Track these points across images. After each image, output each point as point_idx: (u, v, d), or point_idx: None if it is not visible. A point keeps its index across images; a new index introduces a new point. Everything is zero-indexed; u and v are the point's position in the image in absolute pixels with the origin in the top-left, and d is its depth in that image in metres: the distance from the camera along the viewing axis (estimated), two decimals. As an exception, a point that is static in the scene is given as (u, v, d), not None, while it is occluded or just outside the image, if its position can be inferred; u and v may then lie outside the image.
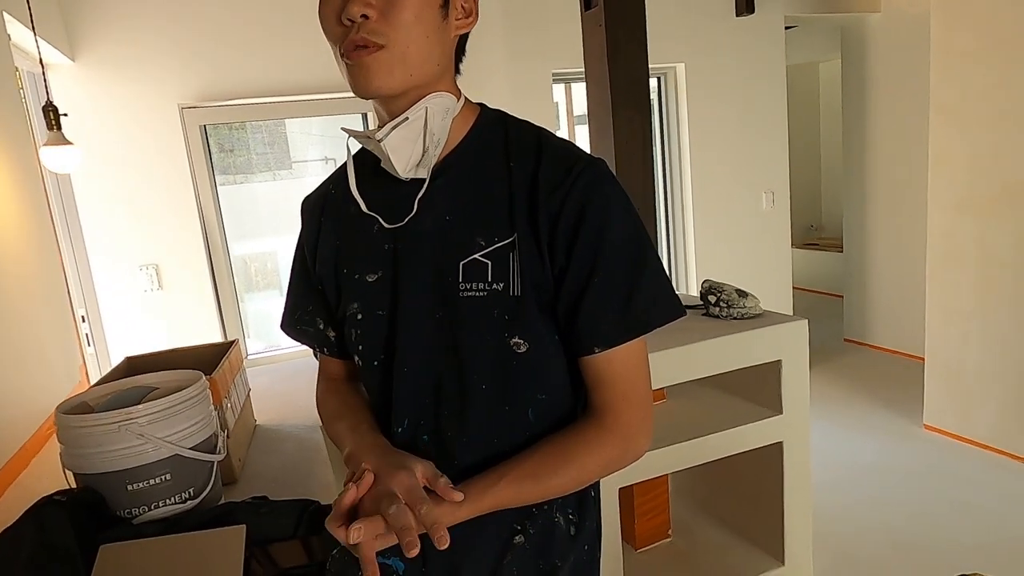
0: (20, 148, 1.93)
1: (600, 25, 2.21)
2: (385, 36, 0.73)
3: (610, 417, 0.81)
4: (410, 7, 0.73)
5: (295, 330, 0.99)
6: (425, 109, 0.77)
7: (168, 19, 2.84)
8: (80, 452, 1.06)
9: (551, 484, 0.80)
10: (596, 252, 0.77)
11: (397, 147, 0.78)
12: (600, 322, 0.78)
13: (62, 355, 2.02)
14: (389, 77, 0.75)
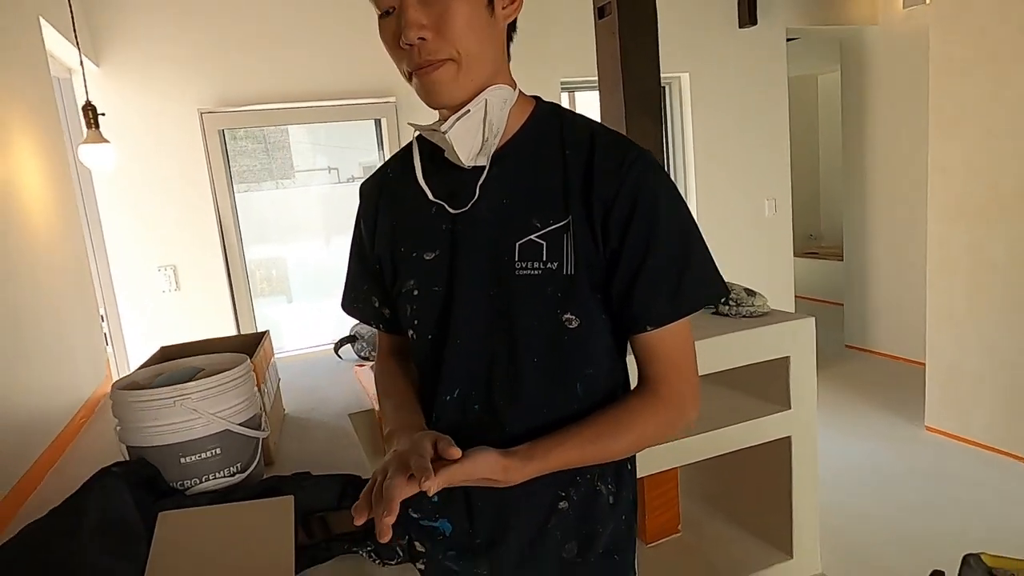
0: (55, 148, 2.00)
1: (614, 33, 2.29)
2: (445, 51, 0.79)
3: (664, 388, 0.86)
4: (461, 16, 0.78)
5: (353, 308, 1.06)
6: (485, 101, 0.83)
7: (188, 26, 2.92)
8: (136, 427, 1.12)
9: (612, 448, 0.85)
10: (649, 237, 0.82)
11: (460, 137, 0.84)
12: (653, 302, 0.83)
13: (89, 351, 2.07)
14: (457, 87, 0.81)
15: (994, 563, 1.38)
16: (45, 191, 1.85)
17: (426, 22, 0.78)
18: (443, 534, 0.95)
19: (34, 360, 1.58)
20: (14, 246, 1.56)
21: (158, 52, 2.88)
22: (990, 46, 3.04)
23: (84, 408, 1.85)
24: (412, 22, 0.77)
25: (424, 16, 0.77)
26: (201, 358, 1.32)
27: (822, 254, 6.58)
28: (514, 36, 0.91)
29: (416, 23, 0.77)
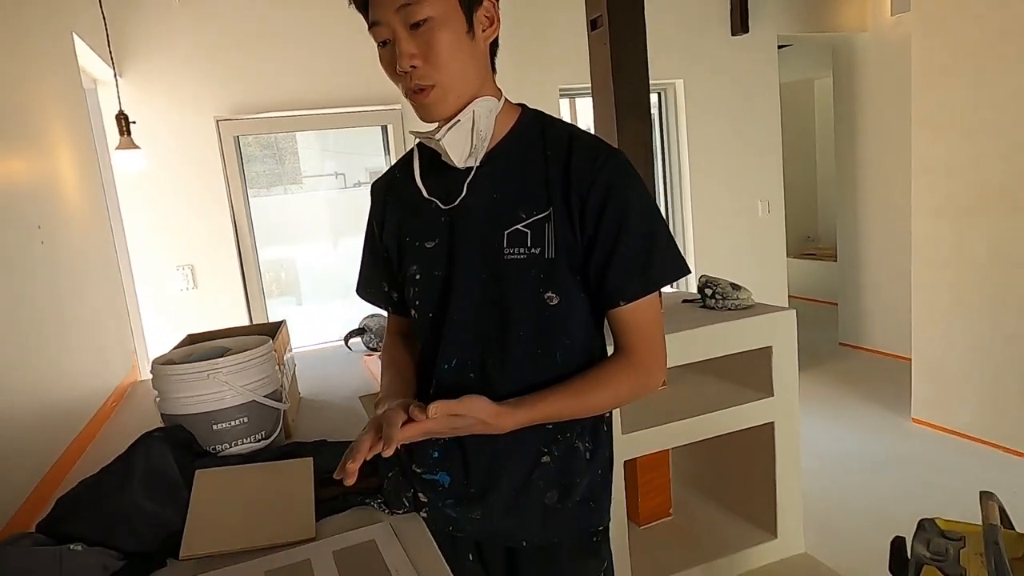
0: (86, 154, 2.16)
1: (605, 44, 2.44)
2: (432, 77, 0.93)
3: (636, 355, 1.01)
4: (445, 44, 0.92)
5: (365, 293, 1.22)
6: (472, 112, 0.98)
7: (205, 39, 3.09)
8: (174, 397, 1.27)
9: (590, 403, 1.00)
10: (620, 224, 0.97)
11: (452, 143, 0.98)
12: (625, 281, 0.98)
13: (118, 342, 2.23)
14: (444, 106, 0.96)
15: (947, 526, 1.52)
16: (80, 194, 2.02)
17: (416, 51, 0.92)
18: (442, 485, 1.10)
19: (75, 349, 1.74)
20: (57, 244, 1.71)
21: (177, 63, 3.05)
22: (969, 52, 3.18)
23: (115, 393, 2.01)
24: (404, 52, 0.92)
25: (414, 46, 0.92)
26: (228, 340, 1.47)
27: (819, 255, 6.70)
28: (497, 51, 1.04)
29: (408, 53, 0.92)
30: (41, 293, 1.53)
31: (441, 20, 0.91)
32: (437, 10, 0.91)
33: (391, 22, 0.92)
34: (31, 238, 1.52)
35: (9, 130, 1.50)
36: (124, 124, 2.16)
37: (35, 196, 1.61)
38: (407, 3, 0.90)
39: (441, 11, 0.91)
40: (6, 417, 1.25)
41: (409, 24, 0.91)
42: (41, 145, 1.71)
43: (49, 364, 1.53)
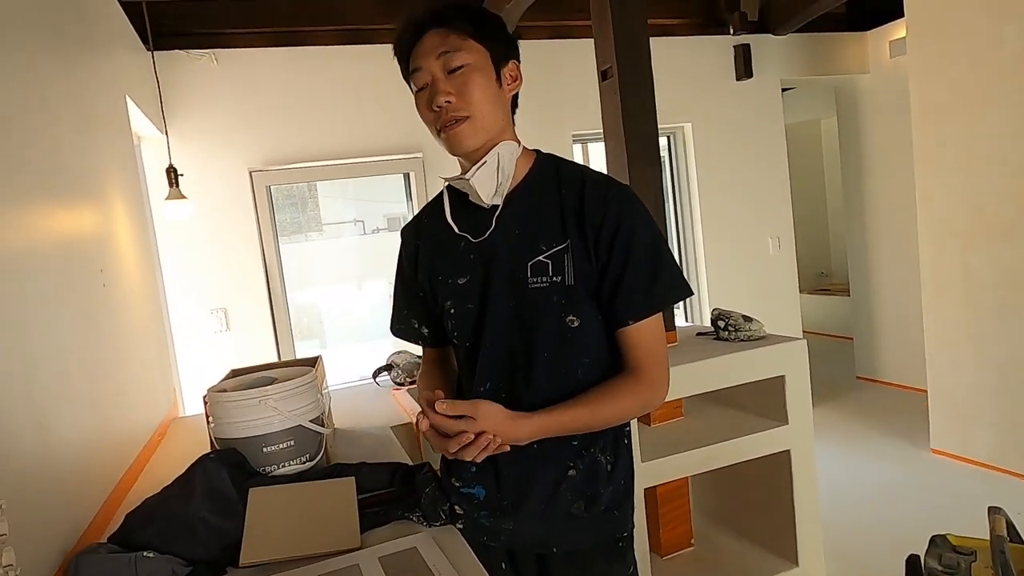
0: (137, 205, 2.33)
1: (615, 93, 2.60)
2: (465, 110, 1.08)
3: (642, 370, 1.12)
4: (477, 86, 1.08)
5: (398, 330, 1.34)
6: (498, 154, 1.12)
7: (241, 94, 3.32)
8: (228, 422, 1.39)
9: (601, 414, 1.11)
10: (628, 252, 1.09)
11: (481, 182, 1.12)
12: (632, 302, 1.10)
13: (163, 380, 2.37)
14: (474, 138, 1.10)
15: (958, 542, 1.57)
16: (132, 242, 2.18)
17: (452, 90, 1.07)
18: (477, 498, 1.20)
19: (130, 385, 1.87)
20: (115, 287, 1.86)
21: (216, 119, 3.27)
22: (964, 90, 3.32)
23: (160, 428, 2.13)
24: (441, 90, 1.07)
25: (450, 86, 1.08)
26: (274, 371, 1.59)
27: (833, 291, 6.76)
28: (517, 106, 1.20)
29: (444, 91, 1.07)
30: (105, 332, 1.68)
31: (475, 67, 1.08)
32: (472, 59, 1.08)
33: (431, 67, 1.08)
34: (96, 281, 1.66)
35: (77, 184, 1.67)
36: (173, 177, 2.35)
37: (98, 242, 1.77)
38: (447, 51, 1.07)
39: (475, 60, 1.08)
40: (78, 443, 1.38)
41: (447, 69, 1.07)
42: (101, 197, 1.88)
43: (111, 398, 1.66)
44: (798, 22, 4.29)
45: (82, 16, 2.02)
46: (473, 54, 1.08)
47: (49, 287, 1.34)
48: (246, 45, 3.39)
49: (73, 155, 1.65)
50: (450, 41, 1.07)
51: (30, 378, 1.17)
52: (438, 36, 1.08)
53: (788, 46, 4.51)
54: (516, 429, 1.05)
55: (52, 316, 1.33)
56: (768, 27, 4.40)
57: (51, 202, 1.43)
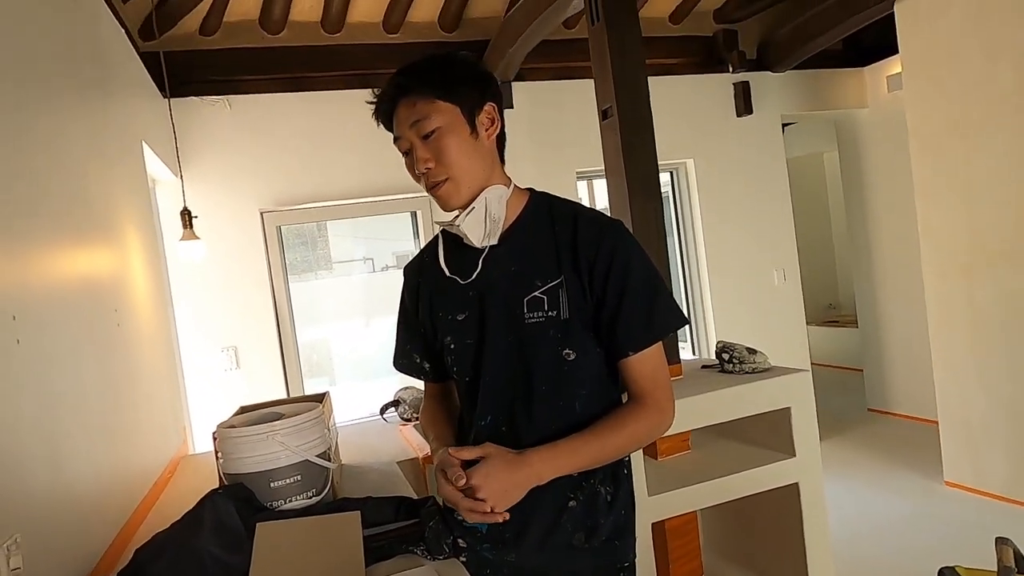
0: (151, 246, 2.40)
1: (616, 131, 2.67)
2: (444, 173, 1.14)
3: (649, 397, 1.15)
4: (452, 148, 1.13)
5: (399, 365, 1.37)
6: (485, 199, 1.17)
7: (252, 138, 3.42)
8: (236, 458, 1.41)
9: (610, 442, 1.13)
10: (623, 285, 1.13)
11: (470, 227, 1.17)
12: (632, 334, 1.14)
13: (173, 418, 2.40)
14: (457, 197, 1.16)
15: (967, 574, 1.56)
16: (146, 282, 2.24)
17: (429, 156, 1.14)
18: (480, 532, 1.22)
19: (143, 423, 1.91)
20: (129, 327, 1.91)
21: (228, 162, 3.37)
22: (959, 124, 3.38)
23: (170, 465, 2.16)
24: (420, 158, 1.14)
25: (427, 152, 1.14)
26: (282, 407, 1.62)
27: (841, 322, 6.74)
28: (505, 144, 1.24)
29: (422, 158, 1.14)
30: (119, 371, 1.72)
31: (446, 129, 1.13)
32: (442, 121, 1.13)
33: (408, 136, 1.15)
34: (110, 321, 1.71)
35: (94, 226, 1.73)
36: (187, 219, 2.42)
37: (113, 283, 1.82)
38: (417, 119, 1.13)
39: (446, 121, 1.13)
40: (91, 479, 1.41)
41: (421, 135, 1.13)
42: (118, 239, 1.95)
43: (124, 435, 1.69)
44: (796, 59, 4.38)
45: (103, 65, 2.12)
46: (443, 115, 1.13)
47: (66, 327, 1.38)
48: (258, 91, 3.51)
49: (92, 199, 1.72)
50: (418, 109, 1.12)
51: (46, 415, 1.21)
52: (407, 106, 1.14)
53: (787, 82, 4.60)
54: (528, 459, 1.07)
55: (68, 355, 1.37)
56: (767, 65, 4.49)
57: (70, 244, 1.49)
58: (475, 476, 1.06)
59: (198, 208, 3.26)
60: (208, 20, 3.37)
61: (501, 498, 1.06)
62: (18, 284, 1.16)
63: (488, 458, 1.09)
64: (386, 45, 3.72)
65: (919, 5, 3.49)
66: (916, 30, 3.55)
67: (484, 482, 1.05)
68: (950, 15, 3.35)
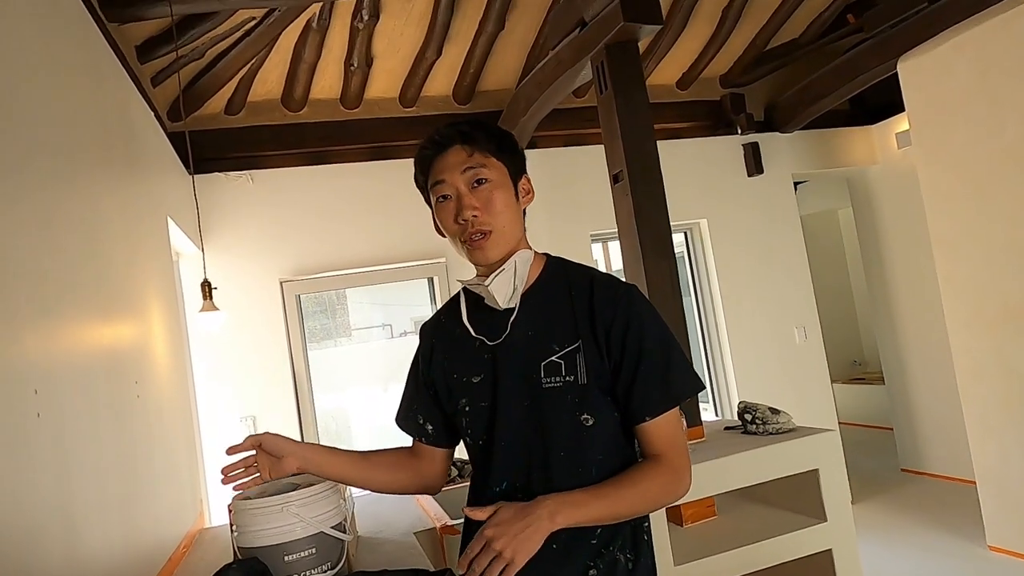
0: (173, 316, 2.45)
1: (627, 194, 2.71)
2: (490, 224, 1.16)
3: (665, 459, 1.13)
4: (500, 201, 1.17)
5: (402, 423, 1.36)
6: (514, 262, 1.19)
7: (272, 211, 3.52)
8: (251, 530, 1.39)
9: (623, 495, 1.10)
10: (639, 351, 1.13)
11: (498, 288, 1.18)
12: (649, 399, 1.13)
13: (191, 490, 2.39)
14: (497, 250, 1.17)
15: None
16: (167, 353, 2.27)
17: (478, 204, 1.15)
18: (500, 605, 1.18)
19: (160, 495, 1.90)
20: (149, 398, 1.93)
21: (248, 234, 3.46)
22: (972, 176, 3.38)
23: (186, 538, 2.13)
24: (468, 204, 1.15)
25: (476, 200, 1.16)
26: (297, 477, 1.61)
27: (868, 379, 6.59)
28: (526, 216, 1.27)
29: (471, 205, 1.15)
30: (137, 443, 1.72)
31: (497, 183, 1.17)
32: (495, 175, 1.17)
33: (455, 181, 1.16)
34: (131, 392, 1.73)
35: (120, 299, 1.77)
36: (207, 291, 2.48)
37: (135, 355, 1.85)
38: (472, 167, 1.16)
39: (497, 176, 1.17)
40: (107, 554, 1.39)
41: (473, 181, 1.16)
42: (141, 311, 1.99)
43: (141, 509, 1.68)
44: (803, 120, 4.46)
45: (133, 146, 2.22)
46: (495, 171, 1.17)
47: (87, 399, 1.40)
48: (279, 165, 3.64)
49: (117, 272, 1.77)
50: (475, 158, 1.16)
51: (63, 488, 1.21)
52: (463, 152, 1.17)
53: (796, 142, 4.66)
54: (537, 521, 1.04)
55: (88, 427, 1.38)
56: (774, 126, 4.58)
57: (95, 318, 1.53)
58: (488, 528, 1.03)
59: (219, 279, 3.32)
60: (233, 100, 3.53)
61: (518, 546, 1.01)
62: (42, 358, 1.18)
63: (499, 510, 1.07)
64: (403, 119, 3.86)
65: (922, 64, 3.56)
66: (920, 88, 3.61)
67: (496, 531, 1.02)
68: (954, 73, 3.41)
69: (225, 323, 3.30)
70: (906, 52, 3.58)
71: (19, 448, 1.05)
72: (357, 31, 3.32)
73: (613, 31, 2.65)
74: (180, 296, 3.11)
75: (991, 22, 3.19)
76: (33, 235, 1.21)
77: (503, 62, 3.82)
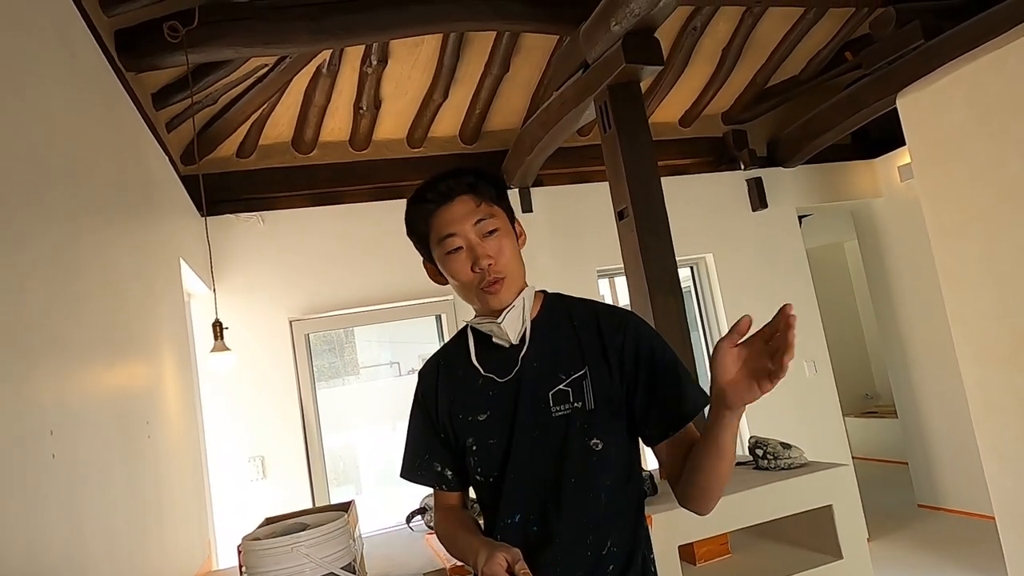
0: (184, 357, 2.47)
1: (632, 231, 2.74)
2: (503, 271, 1.19)
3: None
4: (508, 247, 1.20)
5: (415, 475, 1.31)
6: (523, 299, 1.21)
7: (282, 252, 3.57)
8: (261, 571, 1.39)
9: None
10: (653, 373, 1.17)
11: (510, 325, 1.20)
12: (667, 419, 1.16)
13: (199, 531, 2.37)
14: (510, 293, 1.20)
15: None
16: (177, 394, 2.29)
17: (491, 253, 1.18)
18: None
19: (169, 536, 1.90)
20: (159, 438, 1.94)
21: (259, 274, 3.50)
22: (977, 209, 3.39)
23: (194, 581, 2.11)
24: (483, 254, 1.18)
25: (489, 249, 1.18)
26: (306, 517, 1.61)
27: (880, 413, 6.51)
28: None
29: (486, 254, 1.18)
30: (147, 484, 1.73)
31: (504, 231, 1.21)
32: (500, 224, 1.21)
33: (466, 232, 1.18)
34: (141, 432, 1.74)
35: (132, 341, 1.80)
36: (219, 331, 2.51)
37: (146, 396, 1.87)
38: (482, 218, 1.19)
39: (502, 224, 1.21)
40: (114, 596, 1.39)
41: (484, 232, 1.19)
42: (153, 353, 2.01)
43: (149, 550, 1.68)
44: (806, 155, 4.51)
45: (146, 188, 2.27)
46: (500, 219, 1.21)
47: (99, 440, 1.41)
48: (289, 206, 3.70)
49: (130, 314, 1.80)
50: (483, 208, 1.20)
51: (74, 529, 1.22)
52: (470, 203, 1.19)
53: (799, 176, 4.71)
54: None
55: (99, 468, 1.39)
56: (777, 161, 4.63)
57: (108, 359, 1.55)
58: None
59: (229, 319, 3.35)
60: (245, 144, 3.61)
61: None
62: (56, 398, 1.20)
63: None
64: (410, 159, 3.93)
65: (921, 99, 3.61)
66: (921, 123, 3.65)
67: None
68: (953, 108, 3.45)
69: (235, 363, 3.32)
70: (904, 88, 3.64)
71: (34, 489, 1.06)
72: (366, 75, 3.41)
73: (615, 72, 2.71)
74: (191, 336, 3.14)
75: (986, 58, 3.25)
76: (47, 276, 1.23)
77: (508, 103, 3.90)
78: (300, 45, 2.74)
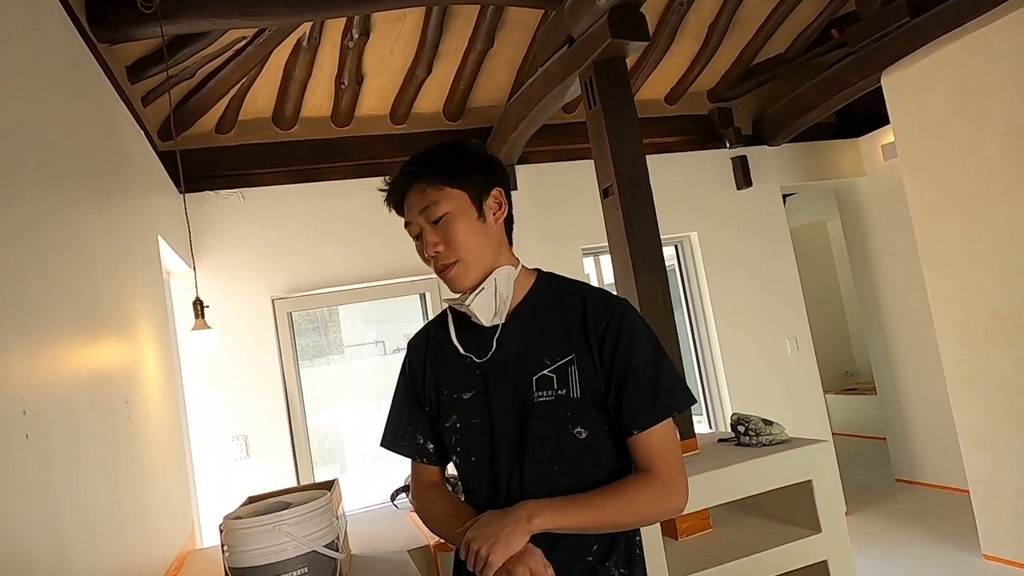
0: (164, 336, 2.43)
1: (617, 208, 2.73)
2: (453, 256, 1.18)
3: (653, 471, 1.13)
4: (460, 231, 1.17)
5: (396, 444, 1.32)
6: (494, 280, 1.19)
7: (264, 229, 3.52)
8: (242, 550, 1.38)
9: (609, 507, 1.11)
10: (628, 364, 1.14)
11: (480, 307, 1.19)
12: (637, 412, 1.13)
13: (182, 511, 2.36)
14: (467, 279, 1.19)
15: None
16: (158, 373, 2.26)
17: (439, 240, 1.17)
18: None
19: (150, 516, 1.88)
20: (139, 418, 1.92)
21: (240, 252, 3.45)
22: (957, 189, 3.42)
23: (177, 560, 2.10)
24: (429, 242, 1.18)
25: (437, 236, 1.17)
26: (290, 496, 1.60)
27: (860, 390, 6.62)
28: (512, 226, 1.28)
29: (432, 242, 1.17)
30: (127, 464, 1.71)
31: (455, 214, 1.17)
32: (451, 207, 1.17)
33: (418, 221, 1.19)
34: (120, 412, 1.72)
35: (110, 319, 1.76)
36: (199, 309, 2.47)
37: (124, 375, 1.84)
38: (426, 205, 1.17)
39: (454, 207, 1.17)
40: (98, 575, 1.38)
41: (431, 220, 1.17)
42: (131, 331, 1.98)
43: (131, 530, 1.67)
44: (790, 133, 4.51)
45: (122, 164, 2.22)
46: (452, 201, 1.17)
47: (76, 420, 1.39)
48: (270, 183, 3.64)
49: (107, 292, 1.76)
50: (427, 195, 1.17)
51: (52, 510, 1.20)
52: (418, 192, 1.18)
53: (784, 155, 4.71)
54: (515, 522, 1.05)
55: (77, 448, 1.37)
56: (762, 139, 4.62)
57: (84, 337, 1.52)
58: (469, 531, 1.08)
59: (211, 298, 3.30)
60: (224, 119, 3.54)
61: (494, 546, 1.03)
62: (29, 379, 1.17)
63: (483, 515, 1.11)
64: (393, 135, 3.88)
65: (905, 78, 3.61)
66: (905, 102, 3.66)
67: (475, 534, 1.06)
68: (936, 87, 3.46)
69: (217, 341, 3.29)
70: (889, 66, 3.63)
71: (7, 471, 1.04)
72: (347, 49, 3.34)
73: (601, 48, 2.68)
74: (171, 315, 3.10)
75: (969, 37, 3.25)
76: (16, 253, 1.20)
77: (492, 79, 3.85)
78: (278, 17, 2.67)
